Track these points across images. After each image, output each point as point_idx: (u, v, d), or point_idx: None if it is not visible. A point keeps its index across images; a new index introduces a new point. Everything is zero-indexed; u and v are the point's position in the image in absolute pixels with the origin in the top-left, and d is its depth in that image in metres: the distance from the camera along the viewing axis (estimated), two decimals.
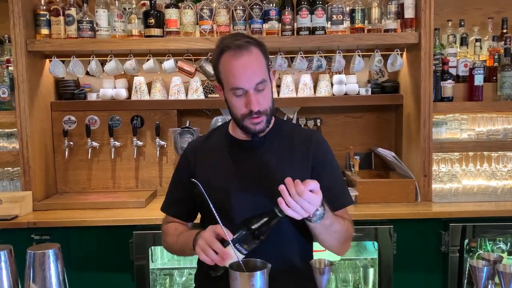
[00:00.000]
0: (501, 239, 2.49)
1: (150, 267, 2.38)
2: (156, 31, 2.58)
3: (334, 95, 2.82)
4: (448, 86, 2.63)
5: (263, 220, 1.24)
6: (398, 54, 2.67)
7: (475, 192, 2.68)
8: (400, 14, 2.59)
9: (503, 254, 2.45)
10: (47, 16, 2.57)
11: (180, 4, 2.61)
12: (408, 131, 2.75)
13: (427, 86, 2.54)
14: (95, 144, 2.81)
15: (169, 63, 2.67)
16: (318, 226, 1.31)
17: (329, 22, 2.63)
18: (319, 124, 2.94)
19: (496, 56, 2.74)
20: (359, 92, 2.83)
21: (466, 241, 2.39)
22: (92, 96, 2.85)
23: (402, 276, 2.39)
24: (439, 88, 2.64)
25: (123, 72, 2.74)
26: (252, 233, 1.23)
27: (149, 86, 2.85)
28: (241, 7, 2.58)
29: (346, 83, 2.82)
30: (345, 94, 2.82)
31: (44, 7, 2.58)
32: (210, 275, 1.27)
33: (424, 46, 2.51)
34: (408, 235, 2.39)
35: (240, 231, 1.24)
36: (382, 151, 2.70)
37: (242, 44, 1.37)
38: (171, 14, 2.57)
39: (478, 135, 2.75)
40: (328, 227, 1.34)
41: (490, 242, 2.50)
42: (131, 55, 2.66)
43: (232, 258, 1.20)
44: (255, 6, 2.57)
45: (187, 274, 2.62)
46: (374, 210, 2.39)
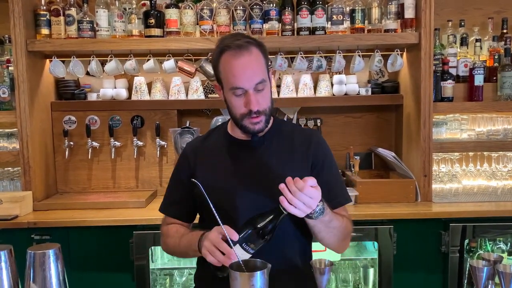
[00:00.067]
0: (501, 239, 2.49)
1: (150, 267, 2.38)
2: (156, 31, 2.58)
3: (334, 95, 2.82)
4: (448, 86, 2.63)
5: (268, 218, 1.24)
6: (398, 54, 2.67)
7: (475, 192, 2.68)
8: (400, 14, 2.60)
9: (503, 254, 2.45)
10: (48, 16, 2.57)
11: (180, 4, 2.61)
12: (408, 131, 2.75)
13: (427, 86, 2.54)
14: (95, 144, 2.81)
15: (169, 63, 2.67)
16: (318, 224, 1.32)
17: (329, 22, 2.63)
18: (319, 124, 2.94)
19: (496, 56, 2.74)
20: (359, 92, 2.83)
21: (466, 241, 2.39)
22: (92, 96, 2.85)
23: (402, 276, 2.39)
24: (439, 88, 2.64)
25: (123, 72, 2.74)
26: (257, 232, 1.23)
27: (149, 86, 2.85)
28: (241, 7, 2.58)
29: (346, 83, 2.82)
30: (345, 94, 2.82)
31: (45, 7, 2.58)
32: (217, 276, 1.27)
33: (424, 46, 2.51)
34: (408, 235, 2.39)
35: (245, 231, 1.24)
36: (382, 151, 2.70)
37: (242, 44, 1.37)
38: (171, 14, 2.58)
39: (478, 135, 2.75)
40: (327, 224, 1.35)
41: (490, 242, 2.50)
42: (131, 55, 2.66)
43: (239, 259, 1.20)
44: (255, 6, 2.57)
45: (187, 274, 2.62)
46: (374, 210, 2.39)
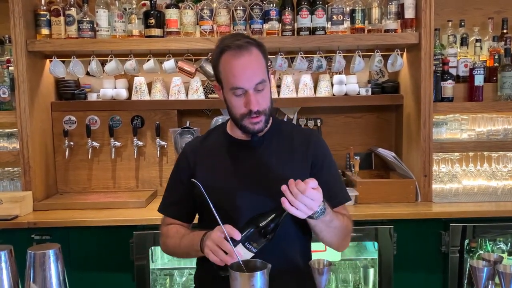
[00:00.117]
0: (501, 239, 2.49)
1: (150, 267, 2.38)
2: (157, 31, 2.58)
3: (334, 95, 2.82)
4: (448, 86, 2.63)
5: (270, 217, 1.25)
6: (398, 54, 2.67)
7: (475, 192, 2.68)
8: (400, 14, 2.60)
9: (503, 254, 2.45)
10: (48, 16, 2.57)
11: (180, 4, 2.61)
12: (408, 131, 2.75)
13: (427, 86, 2.54)
14: (95, 144, 2.81)
15: (169, 63, 2.67)
16: (319, 224, 1.33)
17: (329, 22, 2.63)
18: (319, 124, 2.95)
19: (496, 56, 2.74)
20: (359, 92, 2.83)
21: (466, 241, 2.39)
22: (92, 96, 2.85)
23: (402, 276, 2.39)
24: (439, 88, 2.64)
25: (123, 72, 2.74)
26: (260, 231, 1.24)
27: (149, 86, 2.85)
28: (241, 7, 2.58)
29: (346, 83, 2.82)
30: (345, 94, 2.82)
31: (45, 7, 2.58)
32: (219, 275, 1.27)
33: (424, 46, 2.51)
34: (408, 235, 2.39)
35: (248, 230, 1.24)
36: (382, 151, 2.70)
37: (242, 44, 1.38)
38: (172, 14, 2.58)
39: (478, 135, 2.75)
40: (328, 224, 1.36)
41: (490, 243, 2.49)
42: (132, 55, 2.66)
43: (242, 258, 1.20)
44: (255, 6, 2.57)
45: (187, 274, 2.62)
46: (374, 210, 2.39)
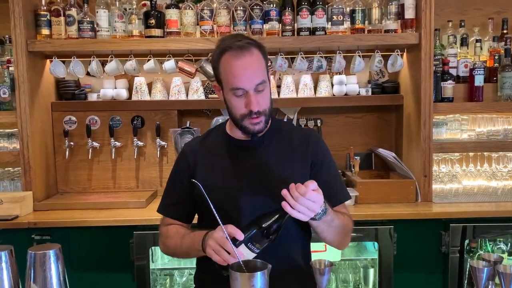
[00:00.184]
0: (501, 239, 2.49)
1: (151, 267, 2.38)
2: (157, 32, 2.58)
3: (334, 95, 2.82)
4: (448, 87, 2.63)
5: (273, 218, 1.25)
6: (398, 55, 2.67)
7: (475, 193, 2.68)
8: (400, 14, 2.60)
9: (503, 254, 2.45)
10: (48, 17, 2.57)
11: (180, 5, 2.61)
12: (408, 132, 2.75)
13: (428, 87, 2.54)
14: (95, 144, 2.81)
15: (169, 64, 2.67)
16: (321, 224, 1.33)
17: (329, 23, 2.63)
18: (319, 124, 2.95)
19: (496, 57, 2.74)
20: (359, 92, 2.83)
21: (467, 241, 2.39)
22: (92, 97, 2.85)
23: (402, 276, 2.39)
24: (439, 88, 2.64)
25: (123, 73, 2.74)
26: (262, 231, 1.24)
27: (149, 86, 2.85)
28: (241, 8, 2.58)
29: (347, 84, 2.82)
30: (345, 95, 2.82)
31: (45, 8, 2.58)
32: (221, 274, 1.28)
33: (425, 47, 2.51)
34: (409, 235, 2.39)
35: (251, 230, 1.24)
36: (383, 152, 2.70)
37: (243, 45, 1.38)
38: (172, 15, 2.58)
39: (478, 136, 2.75)
40: (329, 224, 1.36)
41: (491, 243, 2.49)
42: (132, 55, 2.67)
43: (244, 258, 1.21)
44: (255, 7, 2.57)
45: (187, 274, 2.62)
46: (375, 211, 2.39)
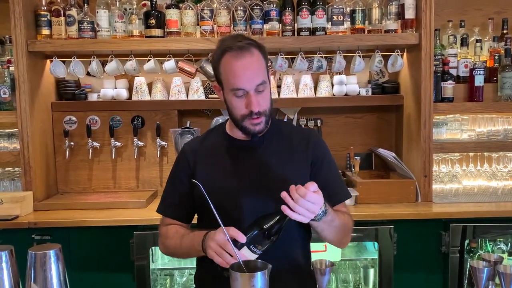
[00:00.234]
0: (501, 239, 2.49)
1: (151, 267, 2.38)
2: (157, 32, 2.58)
3: (334, 95, 2.82)
4: (448, 87, 2.63)
5: (274, 219, 1.25)
6: (398, 55, 2.67)
7: (475, 193, 2.68)
8: (400, 14, 2.60)
9: (504, 254, 2.45)
10: (48, 17, 2.58)
11: (180, 5, 2.61)
12: (408, 132, 2.75)
13: (428, 87, 2.54)
14: (95, 144, 2.81)
15: (169, 64, 2.67)
16: (321, 224, 1.33)
17: (329, 23, 2.63)
18: (319, 124, 2.95)
19: (496, 57, 2.74)
20: (359, 92, 2.83)
21: (467, 241, 2.39)
22: (92, 97, 2.86)
23: (402, 276, 2.39)
24: (439, 88, 2.64)
25: (123, 73, 2.74)
26: (264, 233, 1.24)
27: (149, 86, 2.85)
28: (241, 8, 2.59)
29: (347, 84, 2.82)
30: (345, 95, 2.82)
31: (45, 8, 2.58)
32: (223, 275, 1.28)
33: (425, 47, 2.51)
34: (409, 235, 2.39)
35: (252, 232, 1.24)
36: (383, 152, 2.70)
37: (243, 46, 1.38)
38: (172, 15, 2.58)
39: (478, 136, 2.75)
40: (330, 223, 1.36)
41: (491, 243, 2.49)
42: (132, 55, 2.67)
43: (246, 259, 1.21)
44: (255, 7, 2.57)
45: (187, 274, 2.62)
46: (375, 211, 2.39)
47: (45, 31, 2.58)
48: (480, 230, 2.37)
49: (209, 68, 2.62)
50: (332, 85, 2.83)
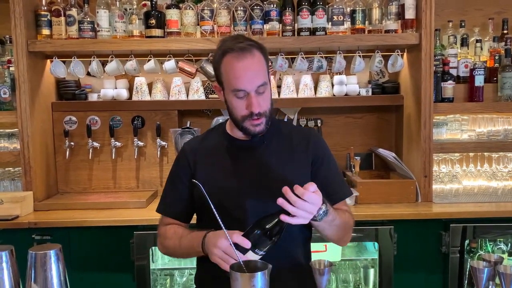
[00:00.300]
0: (501, 239, 2.49)
1: (151, 267, 2.38)
2: (157, 32, 2.58)
3: (334, 95, 2.82)
4: (448, 87, 2.63)
5: (275, 219, 1.24)
6: (398, 55, 2.67)
7: (475, 193, 2.68)
8: (400, 15, 2.60)
9: (504, 255, 2.45)
10: (48, 17, 2.58)
11: (181, 5, 2.61)
12: (408, 132, 2.75)
13: (428, 87, 2.54)
14: (96, 144, 2.81)
15: (170, 64, 2.67)
16: (322, 223, 1.33)
17: (329, 23, 2.63)
18: (319, 124, 2.94)
19: (496, 57, 2.74)
20: (359, 92, 2.83)
21: (467, 241, 2.39)
22: (93, 97, 2.86)
23: (402, 276, 2.39)
24: (439, 88, 2.64)
25: (124, 73, 2.74)
26: (265, 233, 1.24)
27: (150, 86, 2.85)
28: (241, 8, 2.59)
29: (347, 84, 2.82)
30: (345, 95, 2.82)
31: (45, 8, 2.58)
32: (227, 277, 1.28)
33: (425, 47, 2.51)
34: (409, 235, 2.39)
35: (254, 234, 1.24)
36: (383, 152, 2.70)
37: (245, 47, 1.38)
38: (172, 15, 2.58)
39: (478, 136, 2.75)
40: (331, 223, 1.36)
41: (491, 243, 2.49)
42: (132, 55, 2.67)
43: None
44: (255, 7, 2.57)
45: (187, 274, 2.62)
46: (375, 211, 2.39)
47: (45, 31, 2.58)
48: (480, 230, 2.37)
49: (209, 68, 2.63)
50: (332, 85, 2.83)
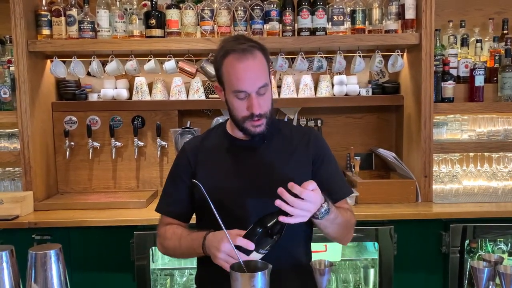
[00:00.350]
0: (501, 240, 2.49)
1: (151, 267, 2.38)
2: (157, 32, 2.58)
3: (334, 95, 2.81)
4: (448, 87, 2.63)
5: (276, 218, 1.24)
6: (398, 55, 2.67)
7: (475, 193, 2.68)
8: (400, 15, 2.60)
9: (504, 255, 2.45)
10: (48, 17, 2.58)
11: (181, 5, 2.61)
12: (408, 132, 2.75)
13: (428, 87, 2.54)
14: (96, 144, 2.81)
15: (170, 64, 2.68)
16: (324, 222, 1.34)
17: (330, 23, 2.63)
18: (319, 124, 2.94)
19: (496, 57, 2.74)
20: (359, 92, 2.83)
21: (467, 242, 2.39)
22: (93, 97, 2.86)
23: (402, 276, 2.39)
24: (439, 88, 2.64)
25: (124, 73, 2.74)
26: (267, 231, 1.24)
27: (150, 86, 2.85)
28: (242, 8, 2.59)
29: (347, 84, 2.82)
30: (345, 95, 2.82)
31: (45, 8, 2.58)
32: (228, 277, 1.28)
33: (425, 47, 2.51)
34: (409, 235, 2.39)
35: (256, 234, 1.24)
36: (383, 152, 2.70)
37: (246, 48, 1.39)
38: (172, 15, 2.58)
39: (478, 136, 2.75)
40: (333, 221, 1.37)
41: (491, 243, 2.50)
42: (132, 55, 2.67)
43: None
44: (256, 7, 2.57)
45: (187, 274, 2.62)
46: (375, 211, 2.39)
47: (45, 31, 2.58)
48: (480, 230, 2.37)
49: (209, 68, 2.63)
50: (333, 85, 2.83)
